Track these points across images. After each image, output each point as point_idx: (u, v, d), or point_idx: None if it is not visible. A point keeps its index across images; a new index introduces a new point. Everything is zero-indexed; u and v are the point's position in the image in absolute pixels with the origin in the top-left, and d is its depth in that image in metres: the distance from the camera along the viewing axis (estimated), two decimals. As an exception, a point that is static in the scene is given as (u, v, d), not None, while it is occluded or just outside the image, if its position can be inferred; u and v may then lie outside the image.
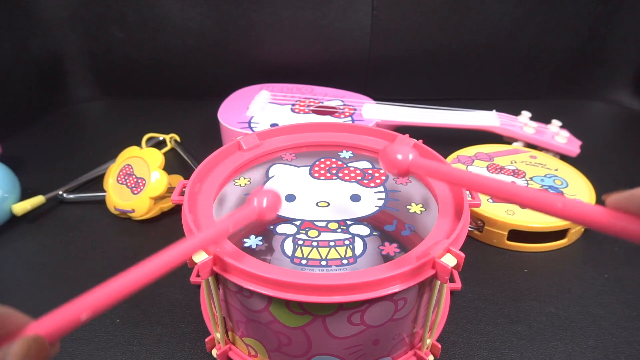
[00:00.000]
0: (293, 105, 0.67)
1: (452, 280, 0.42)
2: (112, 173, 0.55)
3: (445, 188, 0.37)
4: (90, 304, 0.20)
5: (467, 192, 0.36)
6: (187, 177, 0.40)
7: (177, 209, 0.55)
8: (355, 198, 0.38)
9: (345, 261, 0.31)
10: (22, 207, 0.52)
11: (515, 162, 0.58)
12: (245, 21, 0.77)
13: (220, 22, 0.78)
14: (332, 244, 0.33)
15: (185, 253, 0.26)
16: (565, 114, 0.69)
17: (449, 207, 0.35)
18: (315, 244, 0.33)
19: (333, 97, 0.70)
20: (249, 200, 0.30)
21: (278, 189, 0.39)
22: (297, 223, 0.35)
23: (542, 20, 0.77)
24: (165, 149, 0.68)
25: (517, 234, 0.48)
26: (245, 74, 0.80)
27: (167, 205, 0.54)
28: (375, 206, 0.37)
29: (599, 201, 0.46)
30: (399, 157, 0.30)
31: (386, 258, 0.32)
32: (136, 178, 0.53)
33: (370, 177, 0.41)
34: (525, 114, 0.67)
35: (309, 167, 0.42)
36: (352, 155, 0.44)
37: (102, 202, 0.55)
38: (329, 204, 0.37)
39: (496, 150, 0.61)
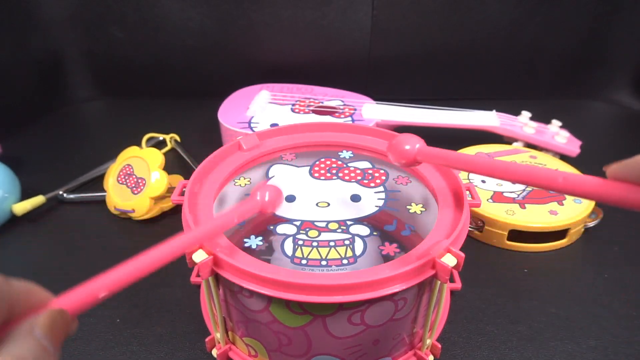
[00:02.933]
0: (293, 105, 0.67)
1: (452, 280, 0.42)
2: (112, 173, 0.55)
3: (445, 188, 0.37)
4: (108, 283, 0.22)
5: (467, 192, 0.36)
6: (187, 177, 0.40)
7: (177, 209, 0.55)
8: (356, 198, 0.38)
9: (345, 261, 0.31)
10: (22, 207, 0.52)
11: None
12: (245, 21, 0.77)
13: (220, 22, 0.78)
14: (332, 244, 0.33)
15: (198, 239, 0.29)
16: (565, 114, 0.69)
17: (449, 207, 0.35)
18: (315, 244, 0.33)
19: (333, 97, 0.70)
20: (253, 194, 0.32)
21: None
22: (297, 223, 0.35)
23: (542, 20, 0.77)
24: (165, 149, 0.68)
25: (517, 234, 0.48)
26: (245, 74, 0.80)
27: (167, 205, 0.54)
28: (375, 206, 0.37)
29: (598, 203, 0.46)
30: (407, 147, 0.33)
31: (386, 258, 0.32)
32: (136, 178, 0.53)
33: (370, 177, 0.41)
34: (525, 114, 0.67)
35: (309, 167, 0.42)
36: (352, 155, 0.44)
37: (102, 202, 0.55)
38: (329, 204, 0.37)
39: (496, 150, 0.61)
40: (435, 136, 0.58)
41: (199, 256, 0.29)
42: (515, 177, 0.25)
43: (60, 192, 0.57)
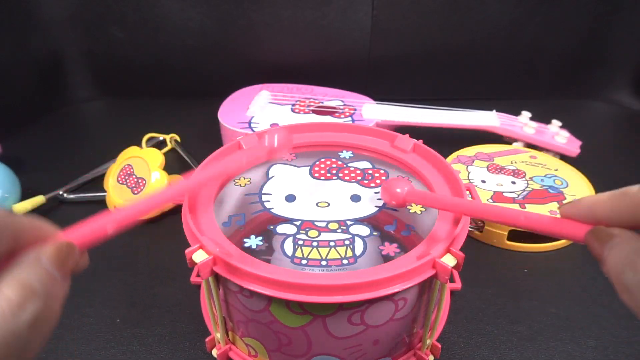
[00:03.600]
0: (293, 105, 0.67)
1: (452, 280, 0.42)
2: (112, 173, 0.55)
3: (445, 188, 0.37)
4: (116, 219, 0.23)
5: (467, 192, 0.36)
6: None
7: (177, 209, 0.55)
8: (356, 198, 0.38)
9: (345, 261, 0.31)
10: (22, 207, 0.52)
11: (515, 162, 0.58)
12: (245, 21, 0.77)
13: (220, 22, 0.78)
14: (332, 244, 0.33)
15: (209, 178, 0.31)
16: (565, 114, 0.69)
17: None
18: (315, 244, 0.33)
19: (333, 97, 0.70)
20: (261, 137, 0.34)
21: (278, 189, 0.39)
22: (297, 223, 0.35)
23: (542, 20, 0.77)
24: (165, 149, 0.68)
25: (517, 234, 0.48)
26: (245, 74, 0.80)
27: (167, 205, 0.54)
28: (376, 206, 0.37)
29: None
30: (398, 190, 0.34)
31: (386, 258, 0.32)
32: (136, 178, 0.53)
33: (370, 177, 0.41)
34: (525, 114, 0.67)
35: (309, 167, 0.42)
36: (352, 155, 0.44)
37: (102, 202, 0.55)
38: (329, 204, 0.37)
39: (496, 150, 0.61)
40: (435, 136, 0.58)
41: (199, 256, 0.29)
42: (488, 217, 0.28)
43: (60, 192, 0.57)
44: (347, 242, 0.33)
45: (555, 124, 0.66)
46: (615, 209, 0.19)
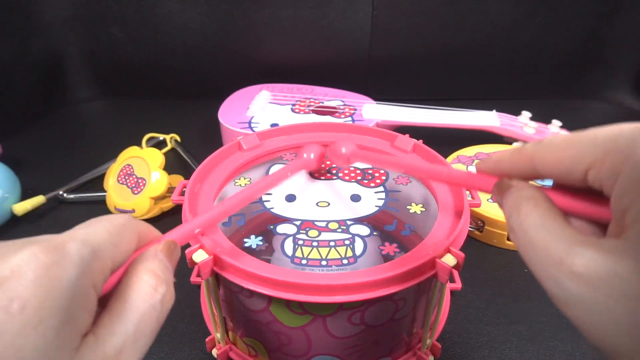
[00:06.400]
0: (293, 105, 0.67)
1: (452, 280, 0.42)
2: (112, 173, 0.55)
3: (445, 188, 0.37)
4: (201, 222, 0.28)
5: (467, 192, 0.36)
6: (187, 177, 0.40)
7: (177, 209, 0.55)
8: (356, 198, 0.38)
9: (345, 261, 0.31)
10: (22, 207, 0.52)
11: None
12: (245, 21, 0.77)
13: (221, 22, 0.78)
14: (332, 244, 0.33)
15: (268, 184, 0.35)
16: (565, 114, 0.69)
17: (449, 207, 0.35)
18: (315, 243, 0.33)
19: (333, 97, 0.70)
20: (300, 154, 0.39)
21: (278, 189, 0.39)
22: (297, 223, 0.35)
23: (542, 20, 0.77)
24: (165, 149, 0.68)
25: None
26: (245, 74, 0.80)
27: (167, 205, 0.54)
28: (375, 206, 0.37)
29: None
30: (343, 150, 0.38)
31: (386, 258, 0.32)
32: (136, 178, 0.53)
33: (370, 177, 0.41)
34: (525, 114, 0.67)
35: (309, 167, 0.42)
36: (352, 155, 0.44)
37: (102, 202, 0.55)
38: (329, 204, 0.37)
39: (496, 150, 0.61)
40: (435, 136, 0.58)
41: (199, 256, 0.29)
42: (416, 174, 0.33)
43: (60, 192, 0.57)
44: (347, 242, 0.33)
45: (555, 124, 0.66)
46: (514, 163, 0.22)
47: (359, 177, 0.41)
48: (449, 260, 0.28)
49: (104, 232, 0.20)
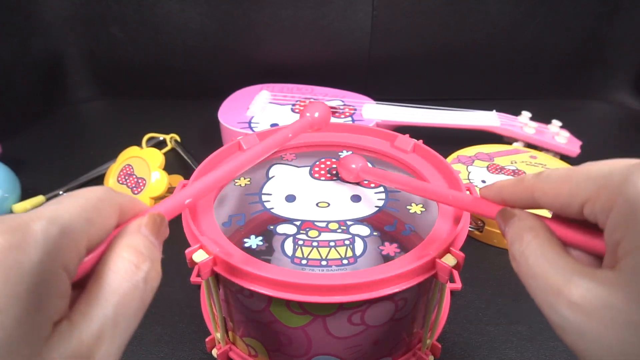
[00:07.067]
0: (293, 105, 0.67)
1: (452, 280, 0.42)
2: (112, 173, 0.55)
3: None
4: (191, 193, 0.27)
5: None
6: (187, 177, 0.40)
7: (177, 209, 0.55)
8: (356, 198, 0.38)
9: (345, 261, 0.31)
10: (22, 207, 0.52)
11: (516, 162, 0.58)
12: (245, 21, 0.77)
13: (221, 22, 0.78)
14: (332, 244, 0.33)
15: (270, 146, 0.34)
16: (565, 114, 0.69)
17: (449, 207, 0.35)
18: (315, 244, 0.33)
19: (333, 97, 0.70)
20: (303, 113, 0.38)
21: (278, 189, 0.39)
22: (298, 223, 0.35)
23: (542, 20, 0.77)
24: (165, 149, 0.68)
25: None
26: (245, 74, 0.80)
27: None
28: (376, 206, 0.37)
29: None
30: (352, 166, 0.38)
31: (386, 258, 0.32)
32: (136, 178, 0.53)
33: (370, 177, 0.41)
34: (525, 114, 0.67)
35: (309, 168, 0.42)
36: (352, 155, 0.44)
37: (102, 202, 0.55)
38: (329, 205, 0.37)
39: (496, 150, 0.61)
40: (435, 136, 0.58)
41: (199, 256, 0.29)
42: (424, 194, 0.31)
43: (60, 192, 0.57)
44: (347, 242, 0.33)
45: (555, 124, 0.66)
46: (515, 193, 0.23)
47: (359, 177, 0.41)
48: (449, 260, 0.28)
49: (75, 207, 0.18)
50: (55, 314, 0.16)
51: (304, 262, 0.31)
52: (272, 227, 0.35)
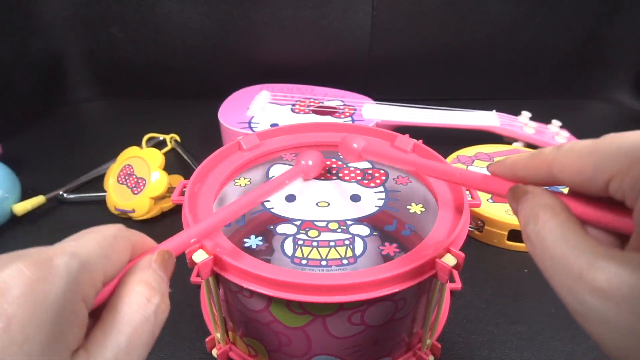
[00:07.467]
0: (293, 105, 0.67)
1: (452, 280, 0.42)
2: (112, 173, 0.55)
3: (445, 188, 0.37)
4: (197, 232, 0.28)
5: (467, 192, 0.36)
6: (187, 177, 0.40)
7: (177, 209, 0.55)
8: (355, 198, 0.38)
9: (345, 261, 0.31)
10: (22, 207, 0.52)
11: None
12: (245, 21, 0.77)
13: (221, 22, 0.78)
14: (332, 244, 0.33)
15: (264, 193, 0.35)
16: (565, 114, 0.69)
17: (449, 207, 0.35)
18: (315, 244, 0.33)
19: (333, 97, 0.70)
20: (298, 161, 0.39)
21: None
22: (297, 223, 0.35)
23: (542, 20, 0.77)
24: (165, 149, 0.68)
25: (517, 234, 0.48)
26: (245, 74, 0.80)
27: (167, 205, 0.54)
28: (375, 206, 0.37)
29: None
30: (354, 145, 0.38)
31: (386, 258, 0.32)
32: (136, 178, 0.53)
33: (370, 177, 0.41)
34: (525, 114, 0.67)
35: (309, 167, 0.42)
36: (352, 155, 0.44)
37: (102, 202, 0.55)
38: (329, 204, 0.37)
39: (496, 150, 0.61)
40: (435, 136, 0.58)
41: (199, 256, 0.29)
42: (430, 173, 0.32)
43: (60, 192, 0.57)
44: (347, 242, 0.33)
45: (555, 124, 0.66)
46: (530, 168, 0.21)
47: (359, 177, 0.41)
48: (449, 260, 0.28)
49: (93, 244, 0.19)
50: (73, 343, 0.17)
51: (304, 262, 0.31)
52: (272, 227, 0.35)
